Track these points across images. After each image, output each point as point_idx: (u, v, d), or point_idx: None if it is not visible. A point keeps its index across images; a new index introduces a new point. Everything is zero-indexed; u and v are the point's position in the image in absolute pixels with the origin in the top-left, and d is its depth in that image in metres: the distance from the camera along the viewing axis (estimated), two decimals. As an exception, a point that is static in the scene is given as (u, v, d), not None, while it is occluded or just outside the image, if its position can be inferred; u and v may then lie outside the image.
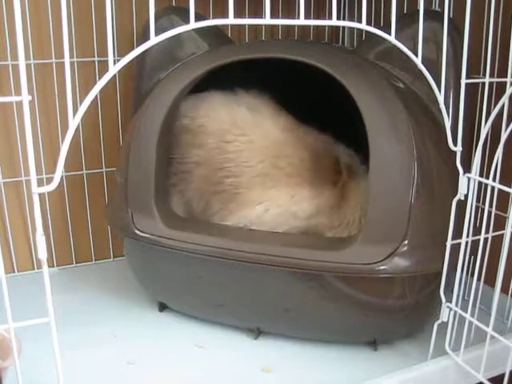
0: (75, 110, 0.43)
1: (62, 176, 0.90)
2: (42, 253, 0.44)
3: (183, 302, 0.81)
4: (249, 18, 0.47)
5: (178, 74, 0.76)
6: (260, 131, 0.78)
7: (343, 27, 1.10)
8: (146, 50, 0.80)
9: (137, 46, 0.46)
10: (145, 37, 0.82)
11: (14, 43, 0.85)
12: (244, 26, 1.01)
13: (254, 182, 0.76)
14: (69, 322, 0.73)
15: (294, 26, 1.05)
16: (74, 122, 0.43)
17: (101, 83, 0.44)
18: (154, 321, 0.82)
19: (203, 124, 0.78)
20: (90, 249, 1.01)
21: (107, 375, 0.70)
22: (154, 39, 0.45)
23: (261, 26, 1.02)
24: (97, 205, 1.00)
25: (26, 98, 0.41)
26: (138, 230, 0.75)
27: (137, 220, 0.75)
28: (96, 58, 0.94)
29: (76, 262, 1.01)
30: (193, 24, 0.44)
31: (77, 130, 0.44)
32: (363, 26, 0.50)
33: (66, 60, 0.43)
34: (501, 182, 0.62)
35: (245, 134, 0.77)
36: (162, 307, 0.84)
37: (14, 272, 0.96)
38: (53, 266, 0.98)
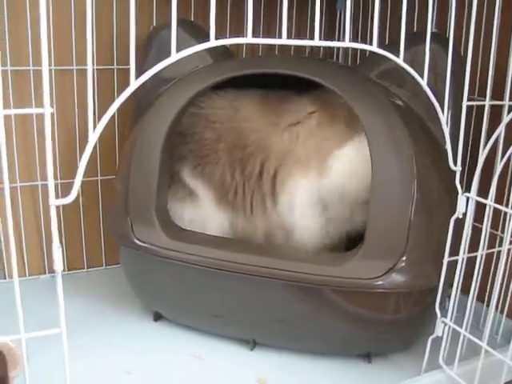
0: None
1: (57, 183, 0.89)
2: (59, 264, 0.44)
3: (179, 312, 0.82)
4: (263, 37, 0.48)
5: (181, 88, 0.76)
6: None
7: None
8: (146, 62, 0.81)
9: (138, 55, 0.45)
10: (146, 47, 0.81)
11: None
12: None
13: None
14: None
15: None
16: (93, 135, 0.44)
17: (121, 98, 0.44)
18: (150, 330, 0.82)
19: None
20: (83, 256, 1.01)
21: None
22: (175, 56, 0.45)
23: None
24: (90, 213, 0.99)
25: (48, 110, 0.42)
26: (138, 239, 0.75)
27: (136, 229, 0.75)
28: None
29: (68, 270, 1.00)
30: (213, 41, 0.45)
31: (73, 138, 0.44)
32: (374, 48, 0.52)
33: (89, 70, 0.43)
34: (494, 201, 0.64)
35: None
36: (157, 317, 0.84)
37: (5, 279, 0.96)
38: (45, 273, 0.98)
